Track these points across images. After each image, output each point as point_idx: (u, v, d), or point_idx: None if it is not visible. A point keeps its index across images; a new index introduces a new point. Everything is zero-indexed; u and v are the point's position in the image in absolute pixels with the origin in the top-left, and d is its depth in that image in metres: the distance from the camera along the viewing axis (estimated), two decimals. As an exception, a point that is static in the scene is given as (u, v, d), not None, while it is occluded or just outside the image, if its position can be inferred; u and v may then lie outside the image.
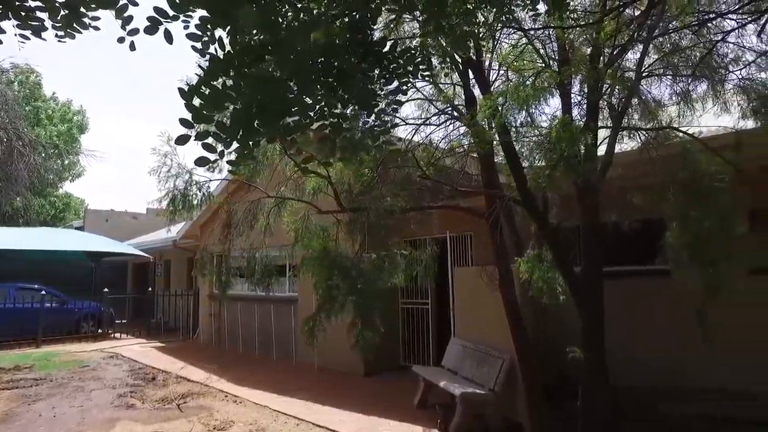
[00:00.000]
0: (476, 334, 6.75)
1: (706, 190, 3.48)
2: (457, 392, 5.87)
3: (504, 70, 4.57)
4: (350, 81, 1.69)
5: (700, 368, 5.83)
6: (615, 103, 4.89)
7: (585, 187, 3.91)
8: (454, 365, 6.97)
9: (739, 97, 4.92)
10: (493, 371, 6.05)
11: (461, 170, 5.43)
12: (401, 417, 6.50)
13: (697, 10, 4.21)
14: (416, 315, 9.25)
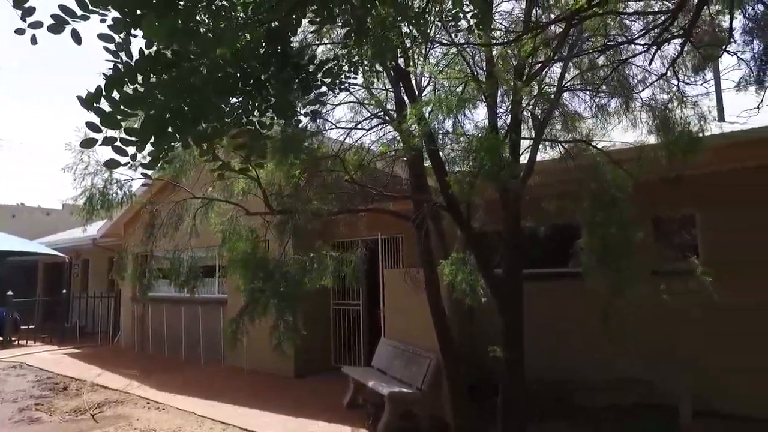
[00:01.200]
0: (405, 334, 6.89)
1: (612, 199, 3.78)
2: (385, 392, 5.97)
3: (434, 78, 4.70)
4: (268, 90, 1.69)
5: (608, 362, 6.31)
6: (538, 115, 5.18)
7: (506, 193, 4.12)
8: (383, 365, 7.08)
9: (645, 114, 5.36)
10: (421, 371, 6.22)
11: (390, 174, 5.54)
12: (330, 418, 6.53)
13: (606, 33, 4.54)
14: (348, 316, 9.30)
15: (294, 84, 1.76)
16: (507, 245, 4.44)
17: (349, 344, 9.23)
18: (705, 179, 6.05)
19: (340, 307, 9.42)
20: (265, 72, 1.70)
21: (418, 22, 2.21)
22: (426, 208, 4.59)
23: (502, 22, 5.43)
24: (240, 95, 1.69)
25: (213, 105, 1.58)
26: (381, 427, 5.93)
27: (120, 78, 1.46)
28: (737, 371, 5.85)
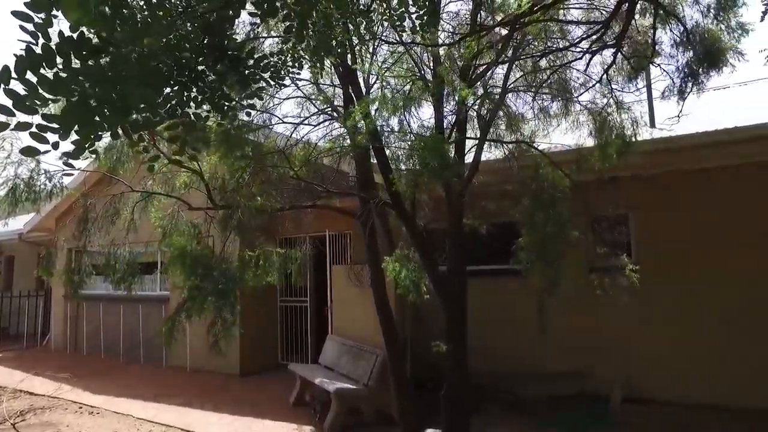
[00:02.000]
0: (352, 330, 6.90)
1: (550, 199, 3.95)
2: (331, 389, 5.96)
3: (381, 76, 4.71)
4: (204, 82, 1.64)
5: (546, 354, 6.60)
6: (483, 115, 5.31)
7: (451, 192, 4.20)
8: (330, 362, 7.06)
9: (584, 117, 5.61)
10: (368, 367, 6.25)
11: (336, 170, 5.51)
12: (277, 416, 6.45)
13: (549, 38, 4.72)
14: (296, 313, 9.20)
15: (231, 77, 1.71)
16: (451, 242, 4.53)
17: (297, 341, 9.15)
18: (637, 181, 6.41)
19: (288, 304, 9.31)
20: (201, 64, 1.65)
21: (363, 20, 2.21)
22: (372, 205, 4.61)
23: (450, 22, 5.54)
24: (174, 86, 1.63)
25: (144, 95, 1.52)
26: (327, 424, 5.92)
27: (36, 60, 1.37)
28: (662, 360, 6.27)
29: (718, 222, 6.26)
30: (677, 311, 6.31)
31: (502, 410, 6.37)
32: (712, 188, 6.34)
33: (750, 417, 5.56)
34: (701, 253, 6.28)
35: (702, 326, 6.19)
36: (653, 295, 6.18)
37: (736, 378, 5.91)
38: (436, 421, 5.06)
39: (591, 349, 6.56)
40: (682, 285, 6.31)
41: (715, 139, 5.72)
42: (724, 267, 6.15)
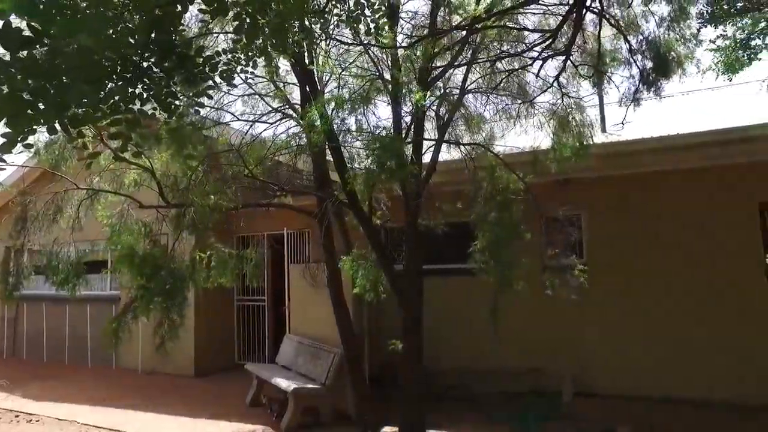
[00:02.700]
0: (310, 329, 6.85)
1: (505, 200, 4.04)
2: (289, 388, 5.91)
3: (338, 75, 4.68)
4: (150, 79, 1.58)
5: (501, 352, 6.75)
6: (441, 115, 5.37)
7: (407, 192, 4.23)
8: (288, 361, 6.99)
9: (540, 120, 5.76)
10: (325, 366, 6.22)
11: (293, 169, 5.44)
12: (232, 417, 6.33)
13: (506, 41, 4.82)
14: (253, 312, 9.05)
15: (179, 75, 1.66)
16: (407, 242, 4.57)
17: (254, 341, 9.00)
18: (589, 183, 6.65)
19: (245, 303, 9.14)
20: (146, 60, 1.58)
21: (319, 20, 2.19)
22: (328, 204, 4.58)
23: (410, 22, 5.56)
24: (118, 82, 1.56)
25: (82, 90, 1.44)
26: (284, 424, 5.86)
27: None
28: (610, 355, 6.55)
29: (660, 224, 6.59)
30: (624, 309, 6.60)
31: (458, 407, 6.48)
32: (656, 191, 6.65)
33: (690, 406, 5.88)
34: (645, 253, 6.59)
35: (646, 323, 6.49)
36: (602, 294, 6.44)
37: (678, 371, 6.24)
38: (394, 418, 5.10)
39: (544, 346, 6.76)
40: (628, 284, 6.61)
41: (662, 145, 6.01)
42: (665, 267, 6.48)
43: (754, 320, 6.14)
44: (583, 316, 6.57)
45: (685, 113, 7.78)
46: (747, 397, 5.88)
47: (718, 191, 6.35)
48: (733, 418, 5.60)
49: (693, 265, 6.37)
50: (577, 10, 3.00)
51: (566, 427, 5.67)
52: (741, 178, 6.20)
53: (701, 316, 6.29)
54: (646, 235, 6.63)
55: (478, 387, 6.93)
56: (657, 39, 4.25)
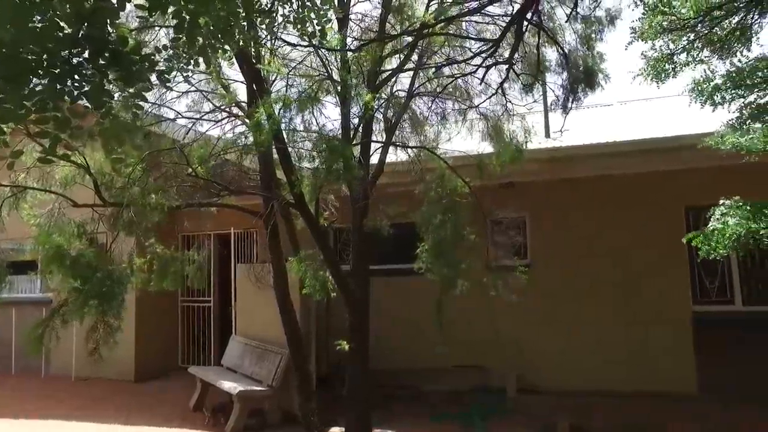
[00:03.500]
0: (257, 331, 6.75)
1: (450, 203, 4.14)
2: (234, 391, 5.80)
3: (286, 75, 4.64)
4: (80, 75, 1.52)
5: (448, 351, 6.90)
6: (389, 117, 5.43)
7: (354, 193, 4.26)
8: (234, 363, 6.86)
9: (484, 124, 5.93)
10: (272, 367, 6.16)
11: (239, 168, 5.34)
12: (174, 423, 6.15)
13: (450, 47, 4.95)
14: (198, 313, 8.80)
15: (113, 73, 1.60)
16: (354, 243, 4.61)
17: (199, 343, 8.75)
18: (533, 187, 6.91)
19: (190, 303, 8.87)
20: (76, 56, 1.52)
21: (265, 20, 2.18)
22: (275, 204, 4.54)
23: (359, 24, 5.59)
24: (45, 77, 1.49)
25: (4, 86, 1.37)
26: (229, 427, 5.76)
27: None
28: (551, 352, 6.84)
29: (597, 226, 6.95)
30: (564, 308, 6.92)
31: (406, 405, 6.59)
32: (594, 194, 7.00)
33: (627, 398, 6.22)
34: (584, 254, 6.93)
35: (583, 321, 6.84)
36: (544, 293, 6.73)
37: (610, 367, 6.60)
38: (343, 417, 5.12)
39: (489, 344, 6.97)
40: (568, 284, 6.94)
41: (599, 151, 6.35)
42: (601, 267, 6.84)
43: (682, 317, 6.62)
44: (526, 315, 6.81)
45: (623, 121, 8.25)
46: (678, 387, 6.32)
47: (649, 195, 6.77)
48: (667, 407, 5.98)
49: (626, 265, 6.77)
50: (518, 22, 3.13)
51: (510, 422, 5.89)
52: (669, 183, 6.62)
53: (634, 314, 6.69)
54: (584, 236, 6.98)
55: (426, 385, 7.06)
56: (585, 52, 4.52)
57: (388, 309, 6.85)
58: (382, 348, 6.68)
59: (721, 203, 4.11)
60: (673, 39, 4.38)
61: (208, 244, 8.26)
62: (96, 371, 8.16)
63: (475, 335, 6.93)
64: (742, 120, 4.48)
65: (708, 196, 4.33)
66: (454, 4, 3.79)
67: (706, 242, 4.08)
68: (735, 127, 4.58)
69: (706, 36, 4.30)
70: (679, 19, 4.19)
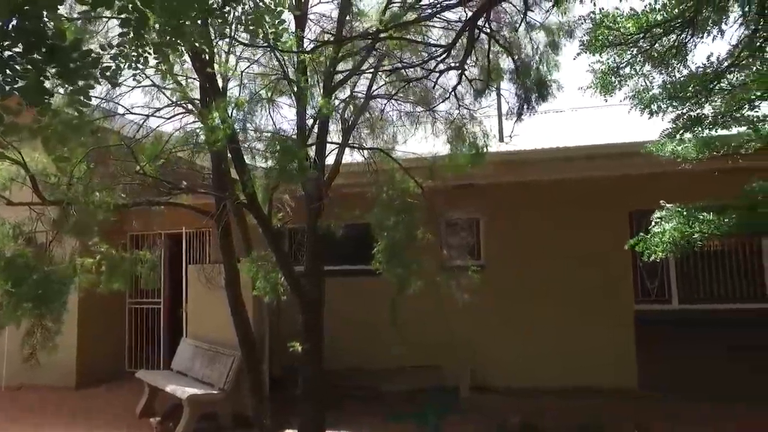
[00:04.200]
0: (209, 332, 6.61)
1: (404, 204, 4.20)
2: (184, 395, 5.66)
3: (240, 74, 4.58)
4: (12, 70, 1.45)
5: (403, 351, 6.96)
6: (347, 118, 5.44)
7: (309, 194, 4.24)
8: (184, 367, 6.68)
9: (441, 126, 6.03)
10: (224, 369, 6.05)
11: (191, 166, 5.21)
12: (118, 430, 5.91)
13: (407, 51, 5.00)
14: (147, 315, 8.50)
15: (51, 69, 1.54)
16: (308, 243, 4.59)
17: (148, 346, 8.45)
18: (487, 189, 7.08)
19: (138, 305, 8.57)
20: (7, 49, 1.45)
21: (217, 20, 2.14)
22: (227, 204, 4.46)
23: (318, 24, 5.57)
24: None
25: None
26: None
27: None
28: (504, 351, 7.03)
29: (548, 228, 7.20)
30: (515, 308, 7.13)
31: (361, 405, 6.61)
32: (545, 198, 7.25)
33: (570, 395, 6.50)
34: (534, 256, 7.17)
35: (534, 321, 7.07)
36: (497, 294, 6.91)
37: (559, 365, 6.86)
38: (297, 419, 5.07)
39: (444, 344, 7.08)
40: (520, 284, 7.15)
41: (550, 156, 6.59)
42: (550, 268, 7.09)
43: (625, 316, 6.95)
44: (480, 315, 6.95)
45: (574, 128, 8.57)
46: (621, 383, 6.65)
47: (597, 199, 7.06)
48: (612, 401, 6.26)
49: (575, 266, 7.03)
50: (470, 30, 3.22)
51: (463, 420, 6.01)
52: (615, 187, 6.93)
53: (582, 313, 6.97)
54: (536, 238, 7.21)
55: (381, 385, 7.11)
56: (537, 61, 4.71)
57: (343, 310, 6.85)
58: (337, 348, 6.67)
59: (660, 209, 4.37)
60: (619, 53, 4.60)
61: (159, 244, 8.02)
62: (32, 378, 7.68)
63: (430, 335, 7.03)
64: (676, 129, 4.78)
65: (650, 201, 4.56)
66: (411, 9, 3.84)
67: (646, 245, 4.33)
68: (671, 135, 4.88)
69: (647, 51, 4.53)
70: (623, 35, 4.40)
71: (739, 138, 4.74)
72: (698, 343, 6.67)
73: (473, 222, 7.61)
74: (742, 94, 4.50)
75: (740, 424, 5.45)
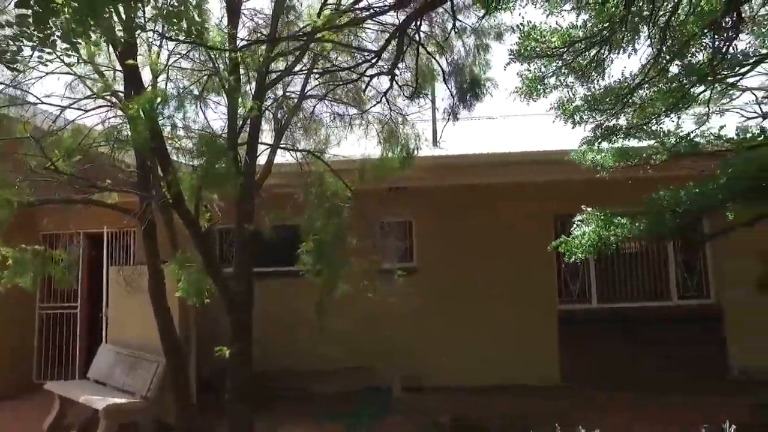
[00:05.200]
0: (132, 338, 6.26)
1: (333, 206, 4.19)
2: (100, 406, 5.32)
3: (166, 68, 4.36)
4: None
5: (337, 352, 6.96)
6: (279, 118, 5.35)
7: (239, 194, 4.13)
8: (102, 375, 6.28)
9: (374, 128, 6.06)
10: (148, 376, 5.77)
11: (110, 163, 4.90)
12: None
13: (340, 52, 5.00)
14: (61, 321, 7.87)
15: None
16: (237, 245, 4.48)
17: (62, 355, 7.82)
18: (420, 192, 7.20)
19: (50, 310, 7.92)
20: None
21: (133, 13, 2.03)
22: (152, 203, 4.25)
23: (252, 19, 5.42)
24: None
25: None
26: (93, 445, 5.26)
27: None
28: (435, 352, 7.17)
29: (478, 231, 7.44)
30: (447, 309, 7.29)
31: (292, 407, 6.54)
32: (476, 201, 7.48)
33: (498, 392, 6.73)
34: (465, 258, 7.38)
35: (463, 321, 7.27)
36: (427, 295, 7.05)
37: (488, 364, 7.09)
38: (225, 422, 4.92)
39: (376, 345, 7.13)
40: (450, 285, 7.34)
41: (482, 161, 6.82)
42: (479, 270, 7.33)
43: (550, 316, 7.30)
44: (411, 316, 7.07)
45: (505, 134, 8.93)
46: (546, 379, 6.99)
47: (525, 203, 7.37)
48: (538, 396, 6.54)
49: (503, 268, 7.31)
50: (399, 37, 3.27)
51: (394, 420, 6.06)
52: (541, 192, 7.26)
53: (509, 313, 7.25)
54: (466, 240, 7.42)
55: (314, 387, 7.06)
56: (470, 63, 4.88)
57: (275, 311, 6.74)
58: (270, 350, 6.55)
59: (582, 213, 4.65)
60: (545, 64, 4.84)
61: (76, 244, 7.50)
62: None
63: (363, 336, 7.05)
64: (595, 138, 5.11)
65: (574, 206, 4.81)
66: (346, 12, 3.84)
67: (567, 247, 4.58)
68: (590, 143, 5.21)
69: (570, 64, 4.79)
70: (548, 48, 4.63)
71: (648, 150, 5.13)
72: (615, 340, 7.16)
73: (406, 224, 7.73)
74: (650, 108, 4.89)
75: (652, 412, 5.91)
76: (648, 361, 6.93)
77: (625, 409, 5.94)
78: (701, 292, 7.61)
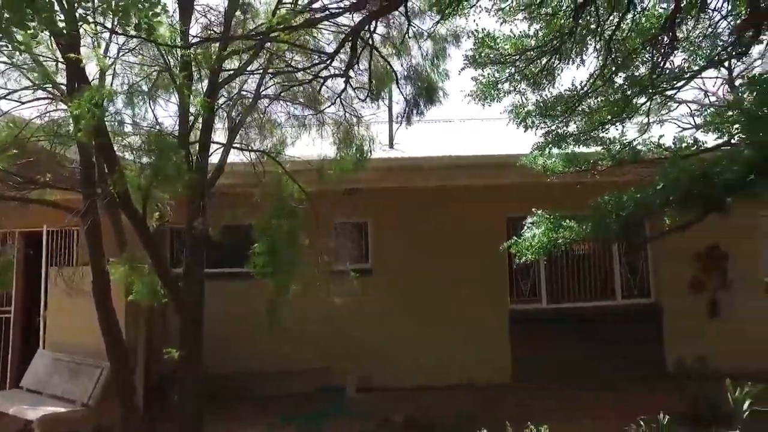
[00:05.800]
0: (73, 343, 5.97)
1: (287, 207, 4.15)
2: (33, 416, 5.03)
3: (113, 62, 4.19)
4: None
5: (292, 354, 6.88)
6: (234, 117, 5.24)
7: (191, 193, 4.03)
8: (38, 383, 5.95)
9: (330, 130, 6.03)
10: (90, 383, 5.54)
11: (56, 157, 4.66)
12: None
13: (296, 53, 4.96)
14: (-8, 326, 7.35)
15: None
16: (188, 245, 4.37)
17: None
18: (375, 194, 7.23)
19: (-19, 316, 7.39)
20: None
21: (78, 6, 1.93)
22: (96, 201, 4.06)
23: (206, 15, 5.28)
24: None
25: None
26: (28, 460, 4.98)
27: None
28: (390, 352, 7.22)
29: (433, 232, 7.54)
30: (402, 309, 7.36)
31: (245, 409, 6.46)
32: (432, 203, 7.58)
33: (452, 391, 6.89)
34: (420, 259, 7.46)
35: (418, 322, 7.34)
36: (382, 296, 7.09)
37: (442, 363, 7.21)
38: (174, 426, 4.78)
39: (331, 346, 7.10)
40: (405, 286, 7.40)
41: (437, 164, 6.92)
42: (434, 270, 7.43)
43: (501, 315, 7.49)
44: (366, 316, 7.08)
45: (461, 137, 9.10)
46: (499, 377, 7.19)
47: (479, 205, 7.53)
48: (491, 394, 6.71)
49: (457, 269, 7.45)
50: (353, 40, 3.28)
51: (347, 420, 6.07)
52: (495, 195, 7.44)
53: (463, 313, 7.38)
54: (421, 242, 7.51)
55: (268, 389, 6.98)
56: (425, 66, 4.97)
57: (239, 312, 6.63)
58: (224, 352, 6.42)
59: (532, 215, 4.79)
60: (498, 70, 4.97)
61: (11, 245, 7.06)
62: None
63: (318, 338, 7.02)
64: (546, 144, 5.29)
65: (526, 208, 4.96)
66: (301, 13, 3.80)
67: (519, 248, 4.72)
68: (541, 148, 5.38)
69: (523, 71, 4.95)
70: (502, 54, 4.76)
71: (595, 156, 5.35)
72: (564, 338, 7.43)
73: (361, 226, 7.74)
74: (597, 116, 5.11)
75: (596, 405, 6.19)
76: (595, 358, 7.23)
77: (572, 404, 6.20)
78: (643, 292, 8.01)
